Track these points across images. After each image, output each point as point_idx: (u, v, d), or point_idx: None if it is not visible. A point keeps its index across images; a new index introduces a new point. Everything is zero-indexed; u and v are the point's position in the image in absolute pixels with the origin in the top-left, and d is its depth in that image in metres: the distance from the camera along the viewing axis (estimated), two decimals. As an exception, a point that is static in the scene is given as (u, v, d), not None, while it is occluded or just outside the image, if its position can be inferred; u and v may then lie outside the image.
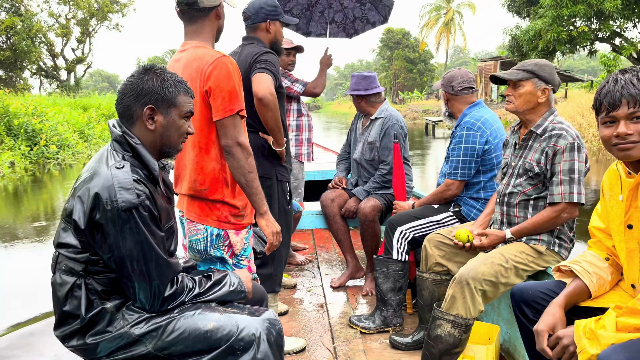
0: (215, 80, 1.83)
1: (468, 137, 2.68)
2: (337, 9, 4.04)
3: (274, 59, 2.48)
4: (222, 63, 1.84)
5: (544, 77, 2.23)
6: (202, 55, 1.88)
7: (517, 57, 22.80)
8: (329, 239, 4.58)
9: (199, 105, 1.87)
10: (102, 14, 35.48)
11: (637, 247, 1.56)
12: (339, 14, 4.06)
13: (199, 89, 1.85)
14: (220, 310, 1.62)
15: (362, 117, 3.62)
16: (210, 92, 1.83)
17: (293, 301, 3.27)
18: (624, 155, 1.50)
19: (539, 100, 2.24)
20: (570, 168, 2.12)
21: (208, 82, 1.83)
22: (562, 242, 2.26)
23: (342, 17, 4.07)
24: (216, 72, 1.83)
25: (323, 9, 4.01)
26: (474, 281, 2.13)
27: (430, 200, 2.86)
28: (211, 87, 1.83)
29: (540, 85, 2.23)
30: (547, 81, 2.24)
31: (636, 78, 1.46)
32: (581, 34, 18.46)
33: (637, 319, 1.42)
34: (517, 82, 2.26)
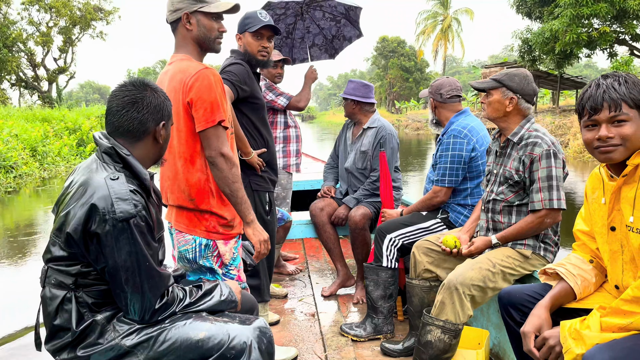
0: (197, 91, 1.85)
1: (455, 145, 2.73)
2: (315, 32, 4.12)
3: (237, 69, 2.51)
4: (204, 75, 1.86)
5: (512, 87, 2.31)
6: (185, 67, 1.90)
7: (528, 63, 21.28)
8: (319, 248, 4.59)
9: (182, 117, 1.89)
10: (85, 21, 33.55)
11: (619, 249, 1.60)
12: (319, 36, 4.14)
13: (182, 100, 1.87)
14: (211, 320, 1.62)
15: (351, 127, 3.66)
16: (192, 103, 1.86)
17: (284, 311, 3.28)
18: (606, 157, 1.55)
19: (507, 109, 2.31)
20: (548, 175, 2.17)
21: (190, 94, 1.85)
22: (547, 246, 2.30)
23: (321, 39, 4.17)
24: (198, 83, 1.85)
25: (302, 34, 4.10)
26: (462, 286, 2.16)
27: (419, 208, 2.89)
28: (192, 98, 1.85)
29: (508, 94, 2.31)
30: (515, 90, 2.30)
31: (617, 82, 1.50)
32: (602, 35, 16.84)
33: (620, 318, 1.45)
34: (488, 90, 2.35)
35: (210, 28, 1.98)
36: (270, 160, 2.71)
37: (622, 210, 1.55)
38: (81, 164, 1.64)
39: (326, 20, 4.08)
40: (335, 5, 3.94)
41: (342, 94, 3.51)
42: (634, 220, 1.50)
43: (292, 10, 3.88)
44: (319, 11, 4.01)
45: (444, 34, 55.68)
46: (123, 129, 1.57)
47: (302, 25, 4.05)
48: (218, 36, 2.01)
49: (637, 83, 1.50)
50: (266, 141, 2.69)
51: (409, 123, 38.17)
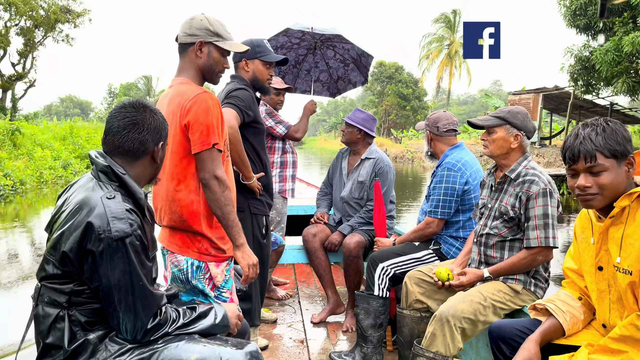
0: (194, 114, 1.90)
1: (449, 177, 2.78)
2: (322, 68, 4.25)
3: (244, 95, 2.56)
4: (202, 99, 1.92)
5: (516, 124, 2.36)
6: (184, 91, 1.96)
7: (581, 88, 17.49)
8: (310, 274, 4.59)
9: (179, 139, 1.93)
10: (49, 23, 28.60)
11: (607, 289, 1.64)
12: (324, 73, 4.27)
13: (179, 123, 1.92)
14: (204, 342, 1.63)
15: (346, 156, 3.71)
16: (189, 126, 1.90)
17: (273, 336, 3.26)
18: (586, 205, 1.61)
19: (512, 146, 2.36)
20: (545, 213, 2.22)
21: (187, 117, 1.90)
22: (538, 282, 2.33)
23: (327, 77, 4.29)
24: (195, 107, 1.90)
25: (310, 67, 4.22)
26: (453, 319, 2.18)
27: (411, 238, 2.92)
28: (189, 121, 1.90)
29: (513, 131, 2.36)
30: (519, 128, 2.36)
31: (595, 132, 1.54)
32: None
33: (608, 356, 1.48)
34: (491, 128, 2.39)
35: (218, 61, 2.07)
36: (267, 184, 2.75)
37: (610, 250, 1.59)
38: (75, 182, 1.66)
39: (336, 61, 4.22)
40: (349, 49, 4.07)
41: (349, 120, 3.54)
42: (620, 260, 1.55)
43: (307, 43, 4.00)
44: (332, 50, 4.14)
45: (450, 59, 50.89)
46: (123, 149, 1.61)
47: (311, 59, 4.17)
48: (221, 70, 2.09)
49: (617, 131, 1.54)
50: (264, 165, 2.73)
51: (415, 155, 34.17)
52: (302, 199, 5.52)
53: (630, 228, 1.53)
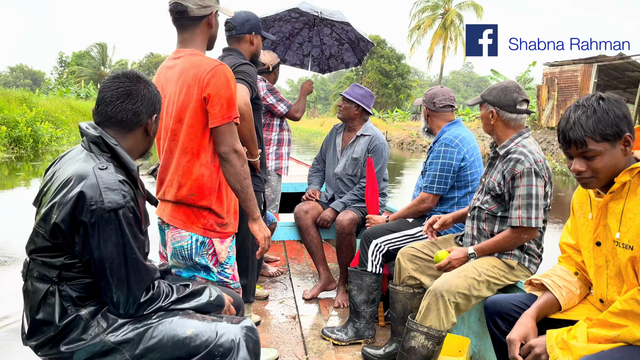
0: (214, 87, 1.85)
1: (446, 153, 2.76)
2: (315, 44, 4.17)
3: (250, 70, 2.51)
4: (220, 71, 1.87)
5: (489, 100, 2.35)
6: (199, 63, 1.90)
7: None
8: (300, 250, 4.58)
9: (195, 112, 1.88)
10: None
11: (604, 264, 1.64)
12: (317, 49, 4.20)
13: (197, 95, 1.87)
14: (199, 317, 1.61)
15: (341, 132, 3.67)
16: (208, 99, 1.86)
17: (265, 312, 3.26)
18: (585, 187, 1.63)
19: (492, 123, 2.36)
20: (529, 193, 2.20)
21: (207, 89, 1.85)
22: (531, 258, 2.34)
23: (318, 53, 4.22)
24: (215, 79, 1.85)
25: (302, 41, 4.14)
26: (448, 294, 2.18)
27: (405, 214, 2.91)
28: (210, 94, 1.85)
29: (489, 108, 2.36)
30: (493, 103, 2.34)
31: (586, 115, 1.50)
32: None
33: (608, 330, 1.48)
34: (475, 105, 2.45)
35: (218, 27, 2.06)
36: (263, 161, 2.72)
37: (609, 225, 1.59)
38: (64, 155, 1.62)
39: (331, 38, 4.15)
40: (348, 30, 4.01)
41: (347, 96, 3.48)
42: (620, 235, 1.54)
43: (306, 18, 3.93)
44: (328, 28, 4.07)
45: (445, 30, 44.36)
46: (116, 120, 1.57)
47: (306, 33, 4.10)
48: None
49: (609, 110, 1.49)
50: (261, 142, 2.70)
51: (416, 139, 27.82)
52: (293, 176, 5.49)
53: (630, 203, 1.52)
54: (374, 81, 46.57)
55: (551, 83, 20.90)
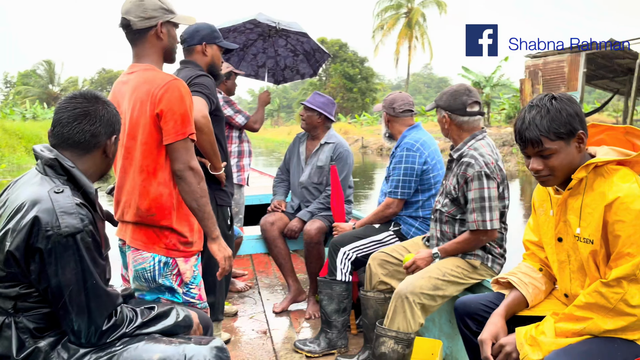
0: (167, 103, 1.80)
1: (408, 158, 2.79)
2: (270, 55, 4.16)
3: (208, 82, 2.47)
4: (173, 86, 1.82)
5: (441, 105, 2.41)
6: (152, 78, 1.85)
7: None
8: (268, 263, 4.53)
9: (148, 129, 1.82)
10: None
11: (566, 259, 1.68)
12: (271, 60, 4.19)
13: (150, 112, 1.81)
14: (166, 341, 1.56)
15: (304, 141, 3.65)
16: (162, 115, 1.80)
17: (235, 329, 3.19)
18: (543, 184, 1.67)
19: (446, 127, 2.42)
20: (481, 196, 2.24)
21: (160, 105, 1.80)
22: (495, 258, 2.38)
23: (273, 64, 4.21)
24: (168, 95, 1.80)
25: (257, 52, 4.13)
26: (412, 295, 2.20)
27: (372, 220, 2.92)
28: (163, 110, 1.80)
29: (442, 113, 2.42)
30: (444, 108, 2.40)
31: (540, 115, 1.54)
32: None
33: (574, 324, 1.52)
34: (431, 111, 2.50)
35: (176, 38, 1.99)
36: (229, 174, 2.67)
37: (569, 221, 1.63)
38: (18, 179, 1.55)
39: (285, 50, 4.14)
40: (303, 42, 4.02)
41: (308, 104, 3.48)
42: (580, 230, 1.58)
43: (261, 29, 3.91)
44: (283, 39, 4.06)
45: (410, 29, 43.65)
46: (73, 141, 1.51)
47: (261, 44, 4.08)
48: (176, 47, 2.02)
49: (561, 110, 1.53)
50: (226, 154, 2.66)
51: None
52: (257, 187, 5.43)
53: (588, 198, 1.56)
54: (339, 86, 46.00)
55: (535, 76, 19.09)
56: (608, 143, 1.66)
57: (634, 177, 1.51)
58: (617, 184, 1.50)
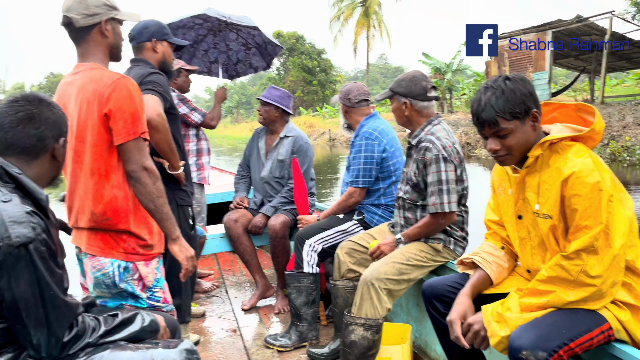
0: (116, 102, 1.73)
1: (367, 146, 2.80)
2: (222, 50, 4.09)
3: (161, 80, 2.40)
4: (121, 84, 1.75)
5: (401, 92, 2.42)
6: (98, 77, 1.77)
7: None
8: (234, 261, 4.47)
9: (97, 130, 1.75)
10: None
11: (527, 235, 1.72)
12: (223, 55, 4.11)
13: (97, 112, 1.74)
14: (132, 348, 1.50)
15: (263, 136, 3.61)
16: (110, 115, 1.73)
17: (204, 330, 3.13)
18: (501, 164, 1.70)
19: (406, 114, 2.42)
20: (439, 179, 2.28)
21: (108, 105, 1.73)
22: (457, 240, 2.43)
23: (225, 59, 4.14)
24: (116, 94, 1.73)
25: (208, 47, 4.04)
26: (378, 281, 2.23)
27: (335, 210, 2.92)
28: (112, 109, 1.73)
29: (401, 100, 2.42)
30: (404, 95, 2.41)
31: (495, 96, 1.57)
32: None
33: (538, 298, 1.56)
34: (385, 100, 2.47)
35: (121, 36, 1.93)
36: (188, 173, 2.60)
37: (528, 198, 1.67)
38: None
39: (237, 43, 4.07)
40: (255, 35, 3.95)
41: (264, 99, 3.44)
42: (539, 207, 1.62)
43: (211, 24, 3.82)
44: (234, 33, 3.99)
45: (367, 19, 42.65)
46: (18, 147, 1.43)
47: (211, 39, 3.99)
48: (122, 45, 1.95)
49: (515, 90, 1.56)
50: (184, 153, 2.59)
51: None
52: (218, 185, 5.35)
53: (545, 175, 1.60)
54: (298, 79, 45.30)
55: (501, 57, 18.65)
56: (561, 120, 1.71)
57: (587, 152, 1.56)
58: (571, 159, 1.54)
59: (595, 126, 1.59)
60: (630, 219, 1.53)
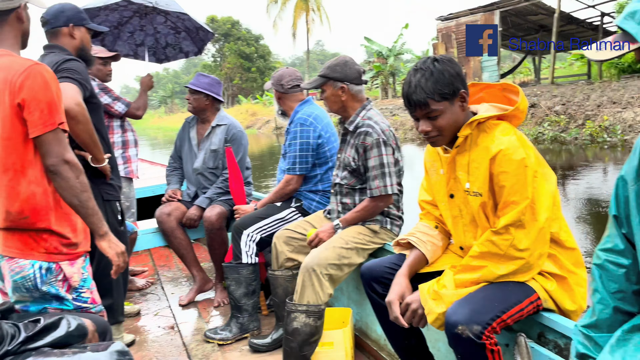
0: (30, 91, 1.58)
1: (302, 133, 2.77)
2: (148, 32, 3.89)
3: (78, 66, 2.24)
4: (36, 72, 1.61)
5: (337, 77, 2.40)
6: (9, 64, 1.61)
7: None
8: (169, 256, 4.32)
9: (9, 122, 1.60)
10: None
11: (459, 213, 1.77)
12: (150, 37, 3.92)
13: (9, 102, 1.59)
14: (57, 354, 1.40)
15: (194, 125, 3.49)
16: (24, 105, 1.58)
17: (139, 329, 3.00)
18: (433, 145, 1.73)
19: (342, 99, 2.41)
20: (380, 163, 2.31)
21: (21, 94, 1.58)
22: (393, 220, 2.46)
23: (153, 42, 3.95)
24: (29, 82, 1.59)
25: (134, 29, 3.84)
26: (319, 267, 2.22)
27: (272, 199, 2.88)
28: (25, 99, 1.58)
29: (337, 85, 2.40)
30: (341, 80, 2.40)
31: (424, 78, 1.60)
32: None
33: (471, 273, 1.60)
34: (320, 87, 2.43)
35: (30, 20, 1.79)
36: (114, 166, 2.46)
37: (459, 177, 1.71)
38: None
39: (165, 27, 3.89)
40: (185, 19, 3.78)
41: (193, 87, 3.31)
42: (470, 185, 1.67)
43: (136, 6, 3.60)
44: (162, 16, 3.80)
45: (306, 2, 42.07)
46: None
47: (137, 21, 3.78)
48: None
49: (444, 71, 1.59)
50: (109, 145, 2.44)
51: None
52: (149, 179, 5.14)
53: (474, 154, 1.64)
54: (235, 66, 44.14)
55: (448, 39, 18.26)
56: (487, 100, 1.76)
57: (513, 130, 1.62)
58: (498, 137, 1.59)
59: (520, 105, 1.65)
60: (553, 193, 1.60)
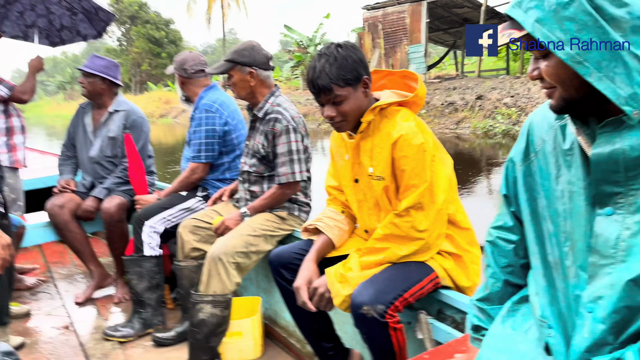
0: None
1: (208, 119, 2.68)
2: (40, 12, 3.59)
3: None
4: None
5: (245, 62, 2.35)
6: None
7: None
8: (63, 251, 4.01)
9: None
10: None
11: (364, 198, 1.82)
12: (43, 19, 3.61)
13: None
14: None
15: (89, 111, 3.24)
16: None
17: (29, 331, 2.76)
18: (338, 130, 1.75)
19: (251, 84, 2.36)
20: (289, 149, 2.30)
21: None
22: (301, 207, 2.47)
23: (45, 23, 3.65)
24: None
25: (23, 9, 3.52)
26: (226, 256, 2.18)
27: (177, 188, 2.77)
28: None
29: (245, 70, 2.35)
30: (249, 64, 2.35)
31: (329, 63, 1.62)
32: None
33: (375, 255, 1.66)
34: (228, 73, 2.37)
35: None
36: None
37: (363, 162, 1.75)
38: None
39: (60, 7, 3.59)
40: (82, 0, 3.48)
41: (87, 69, 3.06)
42: (373, 170, 1.72)
43: None
44: None
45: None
46: None
47: (27, 0, 3.46)
48: None
49: (347, 57, 1.62)
50: None
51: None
52: (39, 169, 4.72)
53: (377, 139, 1.69)
54: (144, 51, 41.58)
55: (374, 29, 17.92)
56: (389, 87, 1.82)
57: (412, 116, 1.69)
58: (399, 123, 1.65)
59: (419, 92, 1.72)
60: (449, 177, 1.69)
